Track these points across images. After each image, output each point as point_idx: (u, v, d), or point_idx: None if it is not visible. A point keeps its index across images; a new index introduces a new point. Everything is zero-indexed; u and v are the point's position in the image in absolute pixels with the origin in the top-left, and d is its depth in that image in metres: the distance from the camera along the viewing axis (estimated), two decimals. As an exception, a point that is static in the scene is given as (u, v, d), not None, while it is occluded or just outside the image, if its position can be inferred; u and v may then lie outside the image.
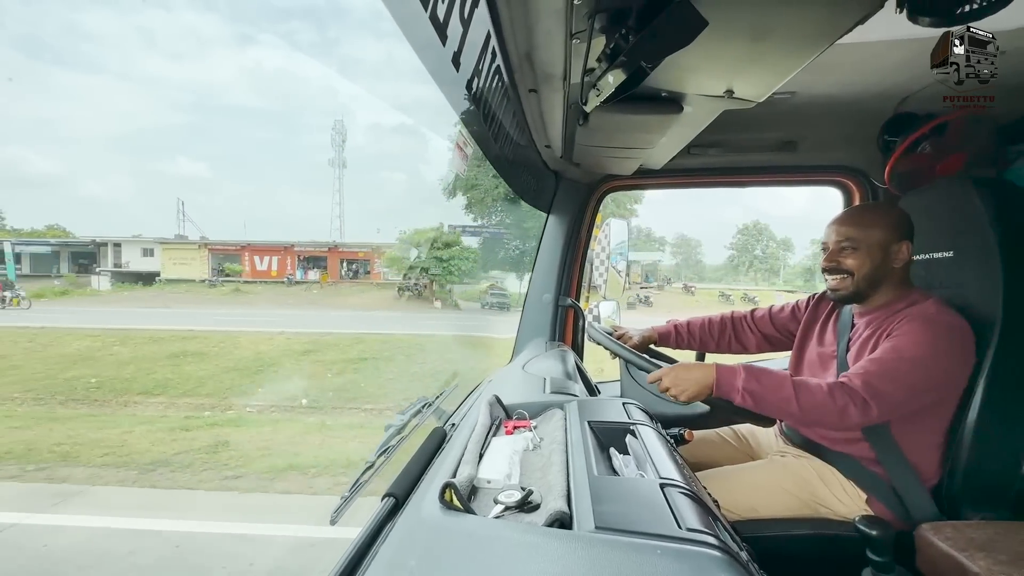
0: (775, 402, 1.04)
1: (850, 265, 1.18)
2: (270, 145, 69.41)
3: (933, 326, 1.07)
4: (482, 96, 0.90)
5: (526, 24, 0.80)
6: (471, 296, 23.43)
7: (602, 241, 2.04)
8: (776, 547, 1.09)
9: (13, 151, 64.81)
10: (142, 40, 78.78)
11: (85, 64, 72.19)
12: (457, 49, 0.67)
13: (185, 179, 65.75)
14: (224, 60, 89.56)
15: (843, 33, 0.73)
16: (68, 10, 74.30)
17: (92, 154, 69.63)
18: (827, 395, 1.02)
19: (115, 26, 78.18)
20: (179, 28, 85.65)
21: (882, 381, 1.02)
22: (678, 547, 0.45)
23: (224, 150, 70.90)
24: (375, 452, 0.87)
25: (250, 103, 77.92)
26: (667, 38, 0.67)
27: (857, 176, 1.85)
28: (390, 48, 74.87)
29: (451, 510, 0.53)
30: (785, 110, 1.51)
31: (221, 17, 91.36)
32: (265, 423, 7.45)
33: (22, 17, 73.50)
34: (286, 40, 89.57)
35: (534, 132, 1.40)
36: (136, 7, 79.74)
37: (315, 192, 70.68)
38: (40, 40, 72.50)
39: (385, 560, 0.52)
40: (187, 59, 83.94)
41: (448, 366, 11.10)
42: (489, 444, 0.72)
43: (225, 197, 65.00)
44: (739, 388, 1.05)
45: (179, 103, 72.29)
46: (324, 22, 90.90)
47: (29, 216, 46.08)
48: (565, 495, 0.55)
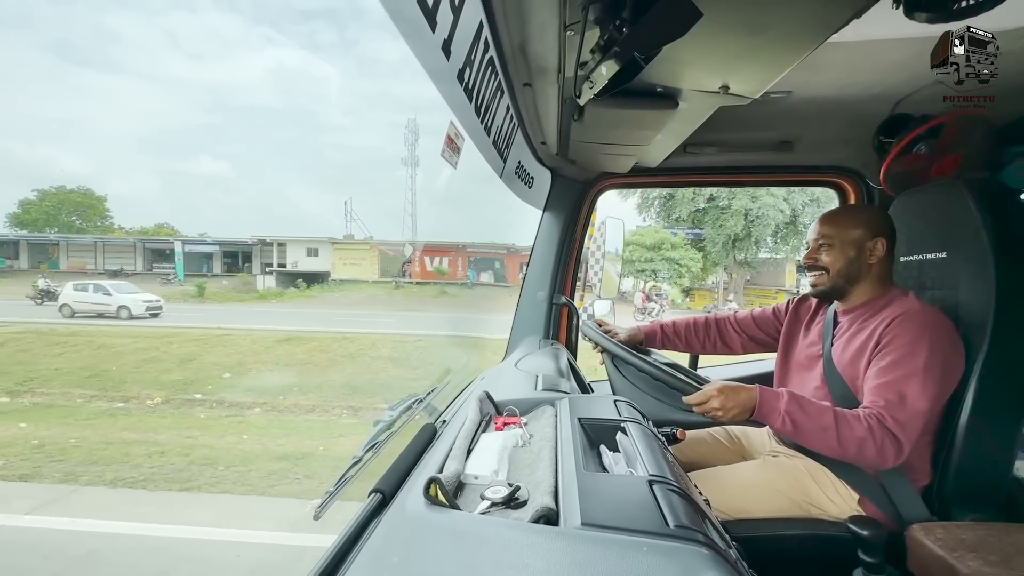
0: (814, 430, 1.03)
1: (825, 261, 1.23)
2: (288, 144, 69.63)
3: (925, 327, 1.08)
4: (475, 88, 0.89)
5: (519, 14, 0.79)
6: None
7: (597, 240, 2.03)
8: (768, 547, 1.09)
9: (45, 151, 65.24)
10: (167, 41, 79.04)
11: (112, 65, 72.48)
12: (447, 37, 0.66)
13: (208, 177, 65.90)
14: (246, 60, 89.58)
15: (838, 28, 0.73)
16: (97, 12, 74.52)
17: (118, 153, 69.85)
18: (867, 431, 1.01)
19: (141, 28, 78.54)
20: (203, 29, 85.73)
21: (912, 418, 1.02)
22: (665, 544, 0.44)
23: (245, 149, 71.12)
24: (362, 448, 0.85)
25: (270, 102, 78.12)
26: (661, 29, 0.66)
27: (852, 177, 1.85)
28: (398, 46, 75.69)
29: (436, 505, 0.52)
30: (781, 110, 1.51)
31: (244, 19, 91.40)
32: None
33: (53, 19, 73.84)
34: (307, 40, 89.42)
35: (529, 127, 1.39)
36: (162, 9, 79.80)
37: (330, 190, 70.63)
38: (70, 42, 72.91)
39: (369, 556, 0.51)
40: (210, 60, 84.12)
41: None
42: (478, 440, 0.71)
43: (246, 195, 65.09)
44: (781, 410, 1.04)
45: (202, 103, 72.49)
46: (343, 23, 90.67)
47: (137, 215, 45.90)
48: (552, 491, 0.54)
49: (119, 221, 36.93)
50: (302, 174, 73.03)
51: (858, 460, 1.04)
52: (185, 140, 73.06)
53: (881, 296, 1.20)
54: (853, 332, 1.19)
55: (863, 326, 1.17)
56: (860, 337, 1.16)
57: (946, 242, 1.26)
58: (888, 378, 1.06)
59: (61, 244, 28.71)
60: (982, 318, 1.13)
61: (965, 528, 1.00)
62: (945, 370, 1.08)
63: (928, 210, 1.32)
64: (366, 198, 19.83)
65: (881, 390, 1.06)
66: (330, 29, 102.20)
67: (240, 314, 16.24)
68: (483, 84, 0.92)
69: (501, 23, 0.80)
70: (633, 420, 0.77)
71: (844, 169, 1.85)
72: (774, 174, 1.94)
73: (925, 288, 1.30)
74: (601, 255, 2.03)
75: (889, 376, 1.06)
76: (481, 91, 0.93)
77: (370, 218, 26.81)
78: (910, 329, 1.08)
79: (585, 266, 2.04)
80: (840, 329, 1.24)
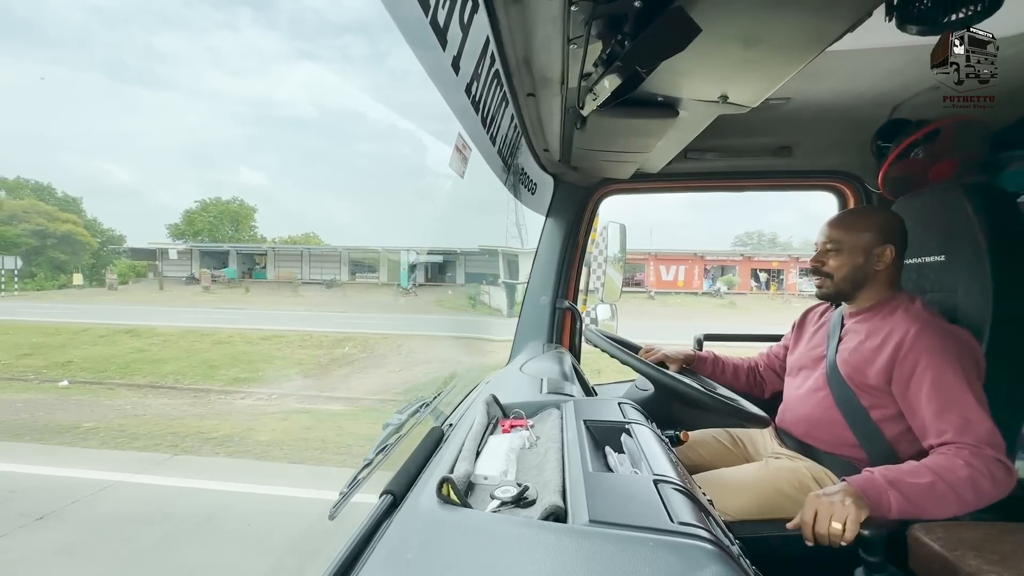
0: (923, 490, 0.96)
1: (831, 267, 1.22)
2: (322, 153, 70.64)
3: (946, 337, 1.07)
4: (481, 99, 0.91)
5: (524, 29, 0.82)
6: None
7: (599, 244, 2.05)
8: (770, 547, 1.10)
9: (98, 164, 67.31)
10: (211, 59, 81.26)
11: (160, 82, 74.83)
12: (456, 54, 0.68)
13: (245, 187, 67.14)
14: (284, 75, 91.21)
15: (833, 41, 0.75)
16: (147, 34, 77.03)
17: (164, 165, 71.50)
18: (967, 467, 0.96)
19: (188, 47, 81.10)
20: (244, 46, 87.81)
21: (989, 432, 1.00)
22: (670, 540, 0.46)
23: (280, 160, 72.28)
24: (373, 450, 0.87)
25: (307, 114, 79.39)
26: (662, 43, 0.69)
27: (851, 181, 1.87)
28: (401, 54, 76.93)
29: (448, 504, 0.54)
30: (781, 116, 1.53)
31: (280, 35, 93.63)
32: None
33: (107, 41, 76.42)
34: (340, 53, 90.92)
35: (532, 136, 1.41)
36: (207, 28, 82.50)
37: (368, 199, 71.16)
38: (122, 62, 75.36)
39: (383, 555, 0.53)
40: (249, 75, 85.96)
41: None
42: (486, 442, 0.73)
43: (280, 204, 66.03)
44: (884, 486, 0.96)
45: (241, 116, 73.85)
46: (375, 35, 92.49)
47: (278, 226, 45.90)
48: (560, 490, 0.56)
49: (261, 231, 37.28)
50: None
51: (979, 499, 0.97)
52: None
53: (889, 300, 1.19)
54: (862, 336, 1.18)
55: (872, 329, 1.17)
56: (871, 341, 1.15)
57: (944, 245, 1.28)
58: (939, 404, 1.03)
59: (269, 253, 28.73)
60: (980, 320, 1.15)
61: (966, 527, 1.01)
62: (979, 373, 1.08)
63: (926, 214, 1.33)
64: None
65: (942, 421, 1.02)
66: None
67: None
68: (489, 95, 0.94)
69: (507, 37, 0.82)
70: (638, 422, 0.78)
71: (843, 174, 1.87)
72: (774, 179, 1.96)
73: (924, 291, 1.32)
74: (603, 260, 2.04)
75: (939, 402, 1.03)
76: (487, 102, 0.95)
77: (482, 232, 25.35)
78: (935, 344, 1.06)
79: (588, 271, 2.06)
80: (846, 332, 1.24)
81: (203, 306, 19.33)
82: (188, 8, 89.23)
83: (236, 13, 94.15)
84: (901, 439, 1.13)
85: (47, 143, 62.43)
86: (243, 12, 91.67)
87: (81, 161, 65.66)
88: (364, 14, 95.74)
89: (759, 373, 1.57)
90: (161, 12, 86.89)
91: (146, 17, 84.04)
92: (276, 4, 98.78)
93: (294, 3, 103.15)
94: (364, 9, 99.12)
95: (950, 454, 0.99)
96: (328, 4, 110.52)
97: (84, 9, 76.39)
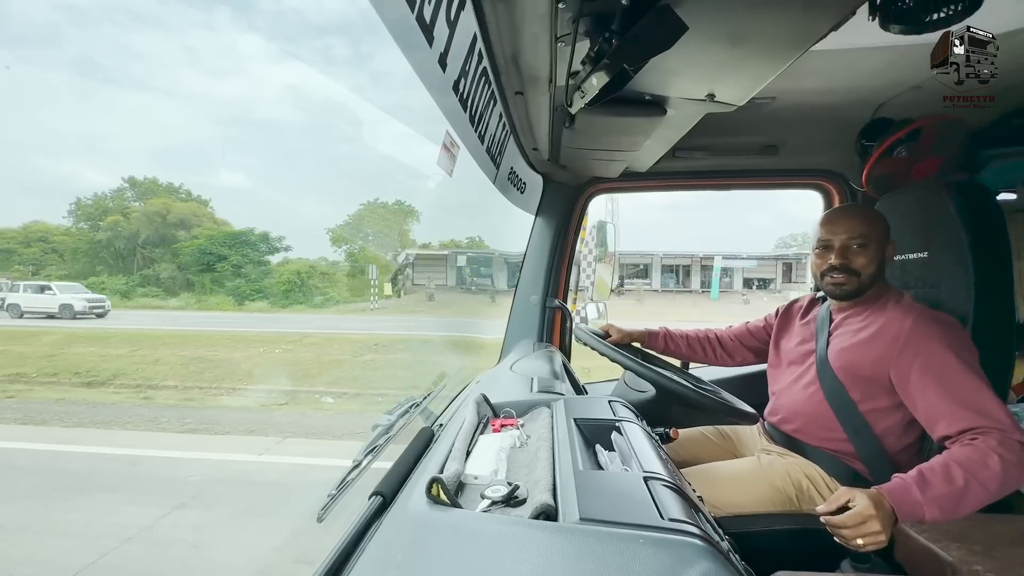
0: (956, 490, 0.91)
1: (860, 264, 1.16)
2: (302, 156, 69.26)
3: (943, 326, 1.08)
4: (469, 98, 0.91)
5: (511, 27, 0.81)
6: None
7: (588, 243, 2.05)
8: (758, 542, 1.11)
9: (69, 166, 65.12)
10: (188, 58, 78.99)
11: (134, 82, 72.58)
12: (443, 50, 0.68)
13: (224, 189, 65.82)
14: (263, 76, 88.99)
15: (817, 39, 0.76)
16: (121, 32, 74.45)
17: (138, 167, 69.26)
18: (994, 454, 0.92)
19: (164, 46, 78.72)
20: (222, 46, 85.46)
21: (1005, 413, 0.97)
22: (660, 536, 0.46)
23: (260, 161, 70.80)
24: (362, 451, 0.87)
25: (285, 116, 77.80)
26: (649, 41, 0.69)
27: (836, 179, 1.90)
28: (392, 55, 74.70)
29: (438, 504, 0.53)
30: (767, 115, 1.55)
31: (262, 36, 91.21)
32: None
33: (79, 41, 74.01)
34: (321, 55, 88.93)
35: (521, 134, 1.41)
36: (183, 27, 79.97)
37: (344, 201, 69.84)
38: (94, 61, 72.90)
39: (372, 556, 0.52)
40: (228, 75, 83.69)
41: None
42: (476, 441, 0.72)
43: (258, 206, 64.69)
44: (914, 487, 0.92)
45: (218, 117, 72.06)
46: (358, 37, 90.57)
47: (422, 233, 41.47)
48: (551, 489, 0.56)
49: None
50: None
51: (1005, 491, 0.93)
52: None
53: (879, 295, 1.20)
54: (854, 329, 1.19)
55: (865, 323, 1.17)
56: (865, 335, 1.15)
57: (927, 242, 1.30)
58: (949, 392, 1.01)
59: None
60: (962, 315, 1.17)
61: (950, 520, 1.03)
62: (977, 358, 1.06)
63: (910, 211, 1.35)
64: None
65: (959, 413, 0.99)
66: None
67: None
68: (477, 94, 0.94)
69: (494, 35, 0.82)
70: (628, 420, 0.78)
71: (828, 172, 1.90)
72: (760, 177, 1.98)
73: (908, 287, 1.34)
74: (593, 258, 2.05)
75: (949, 390, 1.01)
76: (475, 101, 0.95)
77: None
78: (934, 333, 1.06)
79: (577, 269, 2.06)
80: (836, 326, 1.25)
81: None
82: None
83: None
84: (889, 433, 1.15)
85: (11, 145, 60.34)
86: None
87: (51, 163, 63.92)
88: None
89: (721, 345, 1.57)
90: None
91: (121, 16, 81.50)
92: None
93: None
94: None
95: (978, 444, 0.94)
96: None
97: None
